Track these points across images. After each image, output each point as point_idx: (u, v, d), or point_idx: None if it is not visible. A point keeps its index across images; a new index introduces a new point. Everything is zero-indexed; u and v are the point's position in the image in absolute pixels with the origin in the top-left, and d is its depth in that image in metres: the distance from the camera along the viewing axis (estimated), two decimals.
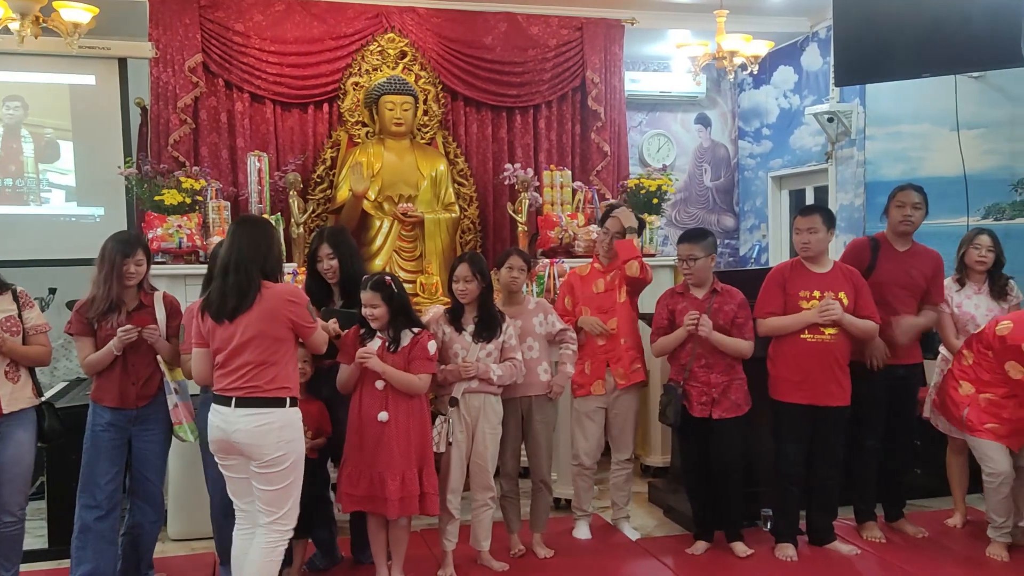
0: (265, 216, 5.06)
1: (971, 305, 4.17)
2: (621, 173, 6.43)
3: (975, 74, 5.21)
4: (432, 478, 3.49)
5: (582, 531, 4.25)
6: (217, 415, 3.01)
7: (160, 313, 3.55)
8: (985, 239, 4.16)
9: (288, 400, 3.02)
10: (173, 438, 3.62)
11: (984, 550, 3.95)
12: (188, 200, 4.95)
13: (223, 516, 3.50)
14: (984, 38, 4.69)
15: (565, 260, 5.26)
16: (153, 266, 3.73)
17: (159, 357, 3.51)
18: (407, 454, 3.41)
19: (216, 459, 3.11)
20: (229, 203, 5.26)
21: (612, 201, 5.15)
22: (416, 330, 3.51)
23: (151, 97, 5.63)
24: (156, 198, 4.91)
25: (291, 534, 3.06)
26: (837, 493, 4.08)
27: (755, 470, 4.14)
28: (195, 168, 5.35)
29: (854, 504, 4.25)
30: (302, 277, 4.71)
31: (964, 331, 4.16)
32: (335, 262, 3.72)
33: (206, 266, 4.72)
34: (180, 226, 4.86)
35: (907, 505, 4.38)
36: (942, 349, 4.31)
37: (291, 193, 5.40)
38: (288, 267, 4.89)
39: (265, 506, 3.01)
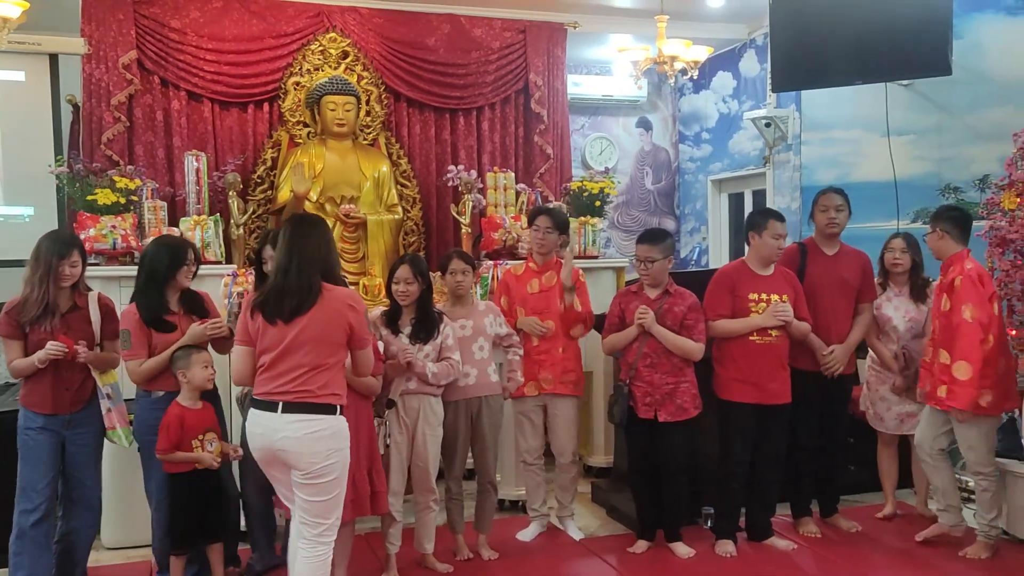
0: (198, 219, 4.96)
1: (891, 308, 4.29)
2: (564, 175, 6.47)
3: (904, 82, 5.38)
4: (381, 476, 3.46)
5: (530, 532, 4.24)
6: (259, 421, 2.88)
7: (94, 315, 3.46)
8: (898, 242, 4.29)
9: (338, 408, 2.92)
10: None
11: (912, 541, 4.10)
12: (122, 200, 4.82)
13: (161, 523, 3.43)
14: (913, 48, 4.85)
15: (509, 262, 5.26)
16: (88, 267, 3.63)
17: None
18: (356, 456, 3.34)
19: (262, 468, 2.99)
20: (166, 203, 5.14)
21: (547, 206, 5.12)
22: None
23: (83, 94, 5.47)
24: (89, 198, 4.77)
25: (333, 545, 2.95)
26: (777, 490, 4.18)
27: (697, 469, 4.19)
28: (129, 167, 5.21)
29: (791, 501, 4.35)
30: (241, 279, 4.65)
31: (884, 333, 4.30)
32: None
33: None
34: (114, 227, 4.72)
35: (841, 500, 4.50)
36: (870, 349, 4.43)
37: (230, 194, 5.30)
38: (227, 269, 4.83)
39: (311, 518, 2.89)
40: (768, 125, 6.53)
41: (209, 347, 3.56)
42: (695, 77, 6.01)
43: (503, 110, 6.43)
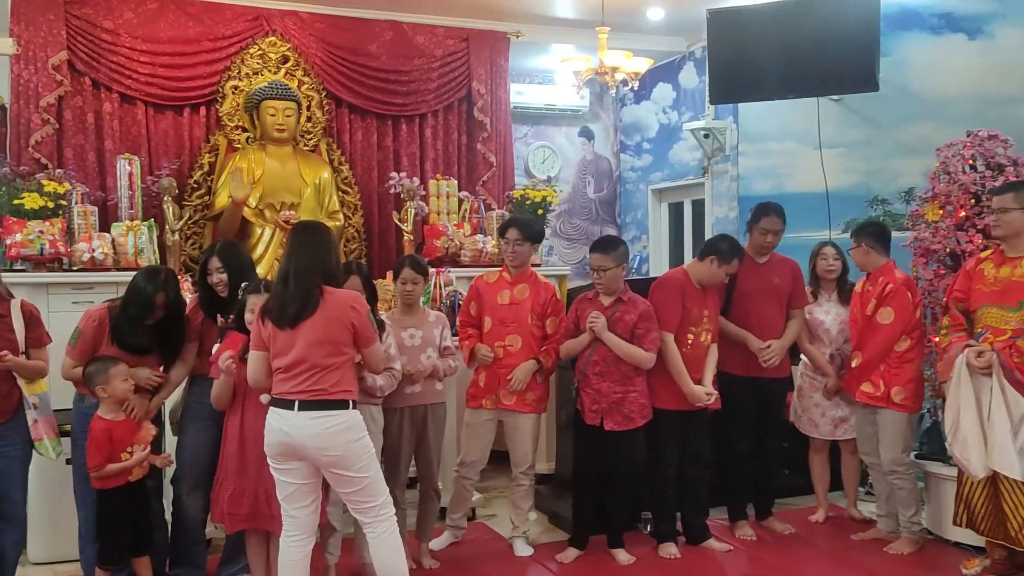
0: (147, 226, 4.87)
1: (821, 312, 4.43)
2: (507, 183, 6.50)
3: (835, 97, 5.55)
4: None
5: (442, 542, 4.18)
6: (278, 419, 3.02)
7: (17, 322, 3.34)
8: (830, 250, 4.44)
9: (351, 403, 3.07)
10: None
11: (842, 541, 4.25)
12: (51, 204, 4.68)
13: (90, 536, 3.34)
14: (842, 65, 5.02)
15: (451, 269, 5.27)
16: (14, 274, 3.53)
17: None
18: None
19: (272, 463, 3.09)
20: (96, 208, 5.00)
21: (519, 217, 5.07)
22: None
23: (11, 95, 5.30)
24: (15, 202, 4.62)
25: (395, 516, 3.15)
26: (706, 491, 4.25)
27: (638, 475, 4.24)
28: (58, 171, 5.05)
29: (727, 505, 4.43)
30: None
31: (816, 337, 4.43)
32: (224, 275, 3.61)
33: (75, 274, 4.58)
34: (42, 232, 4.58)
35: (775, 504, 4.61)
36: (803, 355, 4.56)
37: (165, 199, 5.19)
38: None
39: (362, 503, 3.08)
40: (707, 136, 6.66)
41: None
42: (636, 88, 6.10)
43: (446, 117, 6.44)
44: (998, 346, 3.51)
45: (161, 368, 3.54)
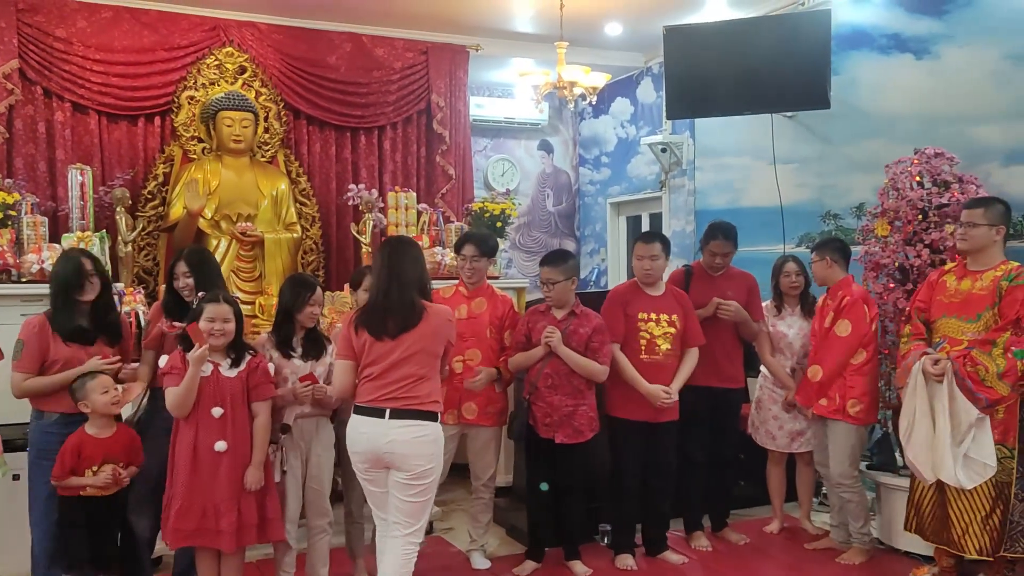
0: (87, 235, 4.76)
1: (784, 326, 4.50)
2: (466, 196, 6.52)
3: (789, 114, 5.65)
4: (275, 502, 3.38)
5: None
6: (367, 426, 3.09)
7: None
8: (793, 266, 4.51)
9: (438, 415, 3.16)
10: None
11: (796, 552, 4.31)
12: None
13: (45, 555, 3.27)
14: (795, 82, 5.11)
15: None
16: None
17: None
18: (242, 485, 3.28)
19: (358, 470, 3.18)
20: (47, 219, 4.90)
21: (474, 232, 5.06)
22: (252, 352, 3.42)
23: None
24: None
25: (419, 547, 3.17)
26: (670, 505, 4.29)
27: (594, 487, 4.26)
28: (8, 181, 4.95)
29: (683, 516, 4.47)
30: (129, 299, 4.48)
31: (779, 349, 4.49)
32: (191, 280, 3.57)
33: (23, 286, 4.47)
34: None
35: (731, 515, 4.66)
36: (763, 367, 4.62)
37: (118, 209, 5.11)
38: (115, 288, 4.63)
39: (404, 517, 3.10)
40: (664, 150, 6.74)
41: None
42: (594, 102, 6.16)
43: (405, 130, 6.44)
44: (953, 355, 3.59)
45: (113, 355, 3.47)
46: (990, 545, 3.55)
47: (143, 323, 4.03)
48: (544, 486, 3.99)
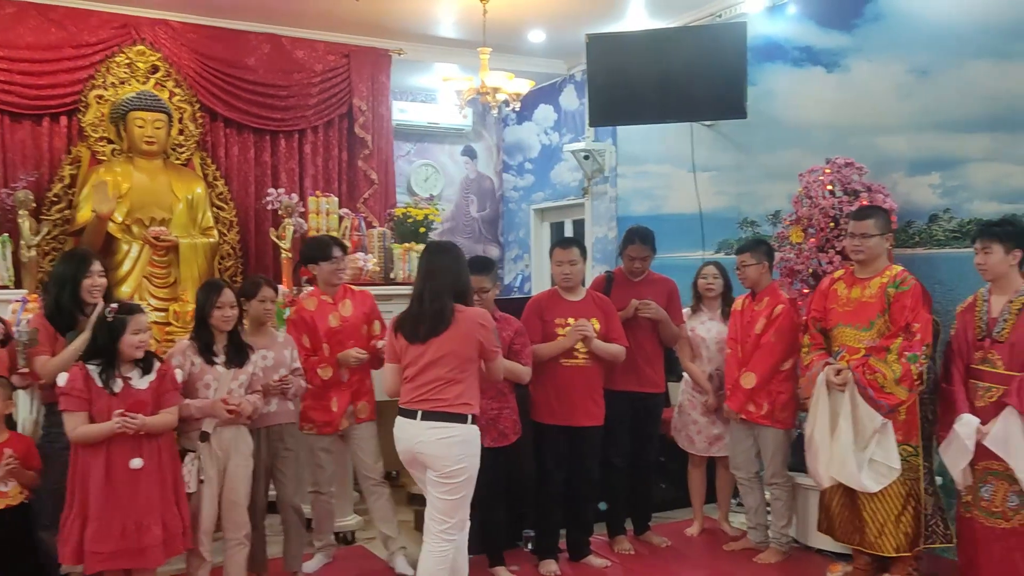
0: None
1: (704, 329, 4.58)
2: (389, 201, 6.45)
3: (707, 123, 5.77)
4: (186, 512, 3.31)
5: (315, 564, 4.12)
6: (404, 427, 3.23)
7: None
8: (711, 269, 4.61)
9: (470, 417, 3.22)
10: None
11: (715, 553, 4.39)
12: None
13: None
14: (713, 92, 5.22)
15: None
16: None
17: None
18: (165, 494, 3.21)
19: (406, 466, 3.33)
20: None
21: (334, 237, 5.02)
22: (159, 359, 3.36)
23: None
24: None
25: (455, 543, 3.24)
26: (593, 510, 4.31)
27: (519, 492, 4.25)
28: None
29: (606, 520, 4.50)
30: (32, 304, 4.25)
31: (698, 353, 4.57)
32: (104, 280, 3.50)
33: None
34: None
35: (653, 518, 4.71)
36: (684, 372, 4.69)
37: (21, 212, 4.87)
38: (16, 294, 4.43)
39: (439, 515, 3.20)
40: (587, 158, 6.80)
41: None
42: (517, 109, 6.18)
43: (326, 134, 6.33)
44: (853, 364, 3.71)
45: None
46: (906, 542, 3.68)
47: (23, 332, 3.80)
48: None
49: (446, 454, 3.15)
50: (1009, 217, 3.80)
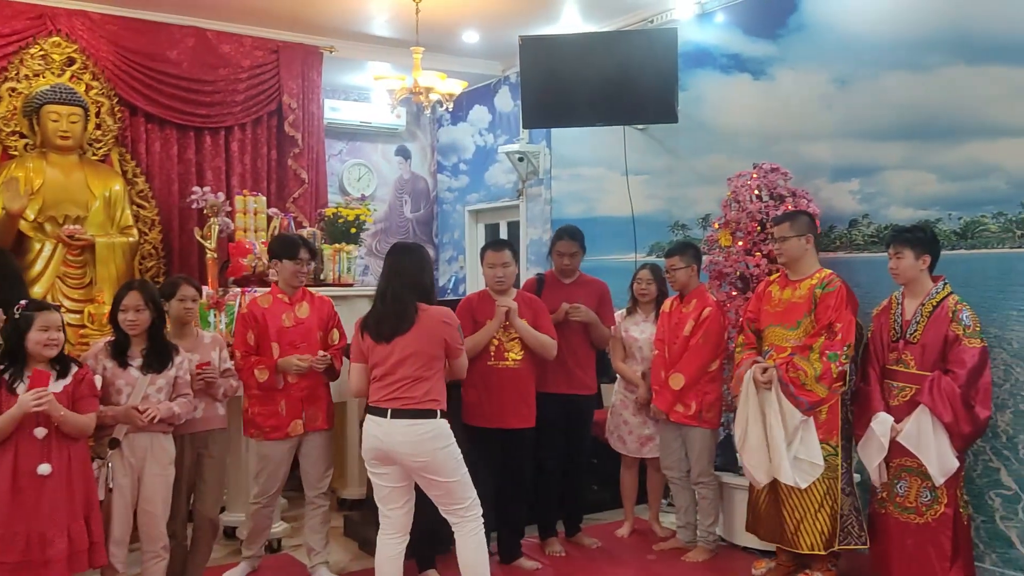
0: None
1: (637, 331, 4.62)
2: (319, 201, 6.34)
3: (640, 127, 5.82)
4: (98, 526, 3.17)
5: (239, 572, 4.02)
6: (374, 426, 3.28)
7: None
8: (645, 273, 4.64)
9: (439, 412, 3.29)
10: None
11: (645, 553, 4.42)
12: None
13: None
14: (645, 97, 5.27)
15: (258, 289, 5.03)
16: None
17: None
18: (72, 506, 3.06)
19: (368, 466, 3.37)
20: None
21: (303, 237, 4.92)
22: (77, 363, 3.21)
23: None
24: None
25: (482, 518, 3.36)
26: (524, 512, 4.29)
27: None
28: None
29: (537, 522, 4.49)
30: None
31: (632, 354, 4.60)
32: None
33: None
34: None
35: (584, 519, 4.72)
36: (616, 371, 4.71)
37: None
38: None
39: (450, 503, 3.32)
40: (521, 159, 6.80)
41: None
42: (451, 109, 6.14)
43: (255, 131, 6.19)
44: (778, 362, 3.79)
45: None
46: (822, 541, 3.77)
47: None
48: None
49: (420, 450, 3.23)
50: (921, 223, 3.92)
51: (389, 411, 3.25)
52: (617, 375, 4.70)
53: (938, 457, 3.41)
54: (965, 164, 4.03)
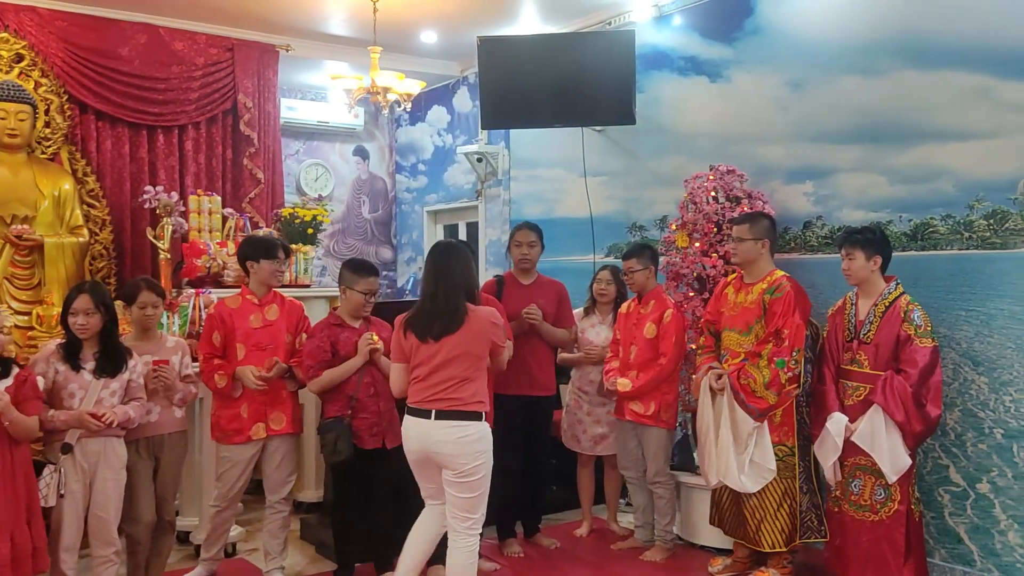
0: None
1: (593, 332, 4.64)
2: (276, 201, 6.26)
3: (598, 128, 5.85)
4: (40, 530, 3.10)
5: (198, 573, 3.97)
6: (415, 426, 3.24)
7: None
8: (605, 274, 4.67)
9: (483, 414, 3.26)
10: None
11: (603, 553, 4.44)
12: None
13: None
14: (603, 98, 5.30)
15: (212, 291, 4.95)
16: None
17: None
18: (16, 510, 2.99)
19: (412, 466, 3.34)
20: None
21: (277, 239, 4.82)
22: (19, 364, 3.14)
23: None
24: None
25: (479, 537, 3.31)
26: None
27: (407, 496, 4.17)
28: None
29: (496, 523, 4.48)
30: None
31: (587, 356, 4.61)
32: None
33: None
34: None
35: (543, 519, 4.73)
36: (573, 373, 4.73)
37: None
38: None
39: (461, 512, 3.25)
40: (480, 160, 6.79)
41: None
42: (408, 109, 6.11)
43: (209, 130, 6.09)
44: (731, 369, 3.84)
45: None
46: (782, 538, 3.83)
47: None
48: None
49: (464, 452, 3.19)
50: (872, 225, 4.00)
51: (433, 412, 3.20)
52: (572, 374, 4.71)
53: (891, 456, 3.48)
54: (915, 167, 4.12)
